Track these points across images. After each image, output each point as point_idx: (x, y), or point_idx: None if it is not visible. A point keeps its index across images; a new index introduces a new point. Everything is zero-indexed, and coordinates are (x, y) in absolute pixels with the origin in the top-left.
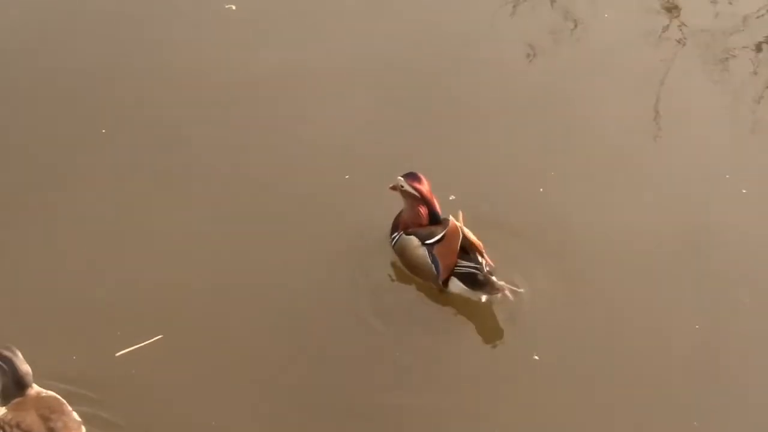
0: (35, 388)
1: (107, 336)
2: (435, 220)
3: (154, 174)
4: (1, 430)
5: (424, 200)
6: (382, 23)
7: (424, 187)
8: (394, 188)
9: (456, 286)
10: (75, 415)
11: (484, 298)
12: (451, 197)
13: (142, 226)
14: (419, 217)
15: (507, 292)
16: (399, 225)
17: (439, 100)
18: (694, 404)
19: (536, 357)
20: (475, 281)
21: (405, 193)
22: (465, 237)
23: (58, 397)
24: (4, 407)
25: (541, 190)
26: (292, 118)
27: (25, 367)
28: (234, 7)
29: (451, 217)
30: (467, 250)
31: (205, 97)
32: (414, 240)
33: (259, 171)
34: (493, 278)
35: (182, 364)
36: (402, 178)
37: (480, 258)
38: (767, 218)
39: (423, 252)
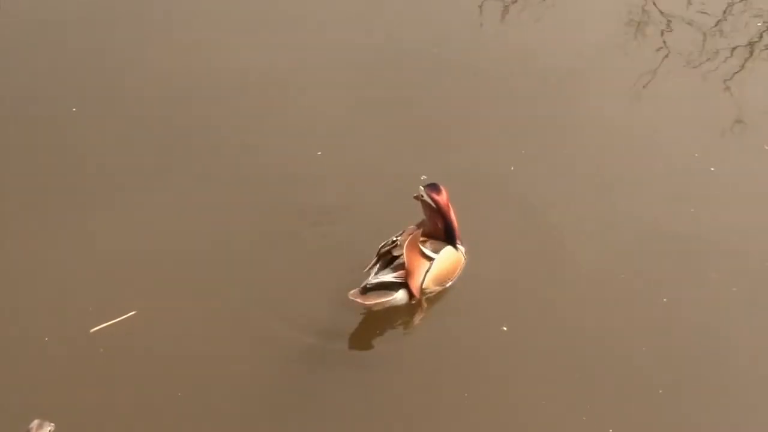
0: None
1: (81, 312)
2: (449, 235)
3: (130, 154)
4: None
5: (440, 212)
6: (366, 15)
7: (442, 198)
8: (416, 198)
9: None
10: None
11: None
12: (423, 176)
13: (116, 202)
14: (437, 229)
15: (358, 300)
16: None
17: (418, 88)
18: (660, 375)
19: (504, 328)
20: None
21: (424, 203)
22: (406, 250)
23: None
24: None
25: (512, 168)
26: (272, 114)
27: None
28: None
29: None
30: (397, 264)
31: (183, 91)
32: None
33: (239, 157)
34: (366, 292)
35: (156, 339)
36: (423, 188)
37: (390, 273)
38: (733, 195)
39: None
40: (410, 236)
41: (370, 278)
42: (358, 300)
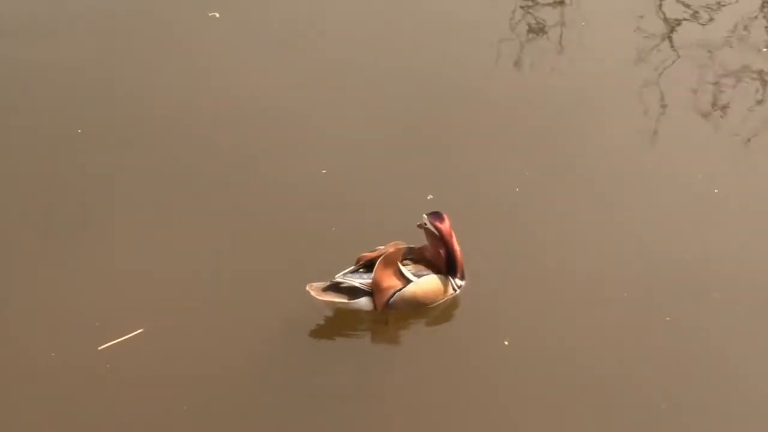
0: None
1: (89, 329)
2: (450, 264)
3: (138, 170)
4: None
5: (442, 240)
6: (374, 30)
7: (445, 227)
8: (420, 226)
9: None
10: None
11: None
12: (429, 196)
13: (125, 223)
14: (439, 257)
15: (312, 292)
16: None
17: (428, 112)
18: (662, 391)
19: (506, 342)
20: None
21: (427, 231)
22: (378, 264)
23: None
24: None
25: (517, 189)
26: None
27: None
28: (218, 15)
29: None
30: (372, 269)
31: (189, 111)
32: None
33: (243, 175)
34: (329, 290)
35: (162, 355)
36: (426, 216)
37: (358, 278)
38: (737, 216)
39: None
40: (390, 251)
41: (337, 276)
42: (312, 293)
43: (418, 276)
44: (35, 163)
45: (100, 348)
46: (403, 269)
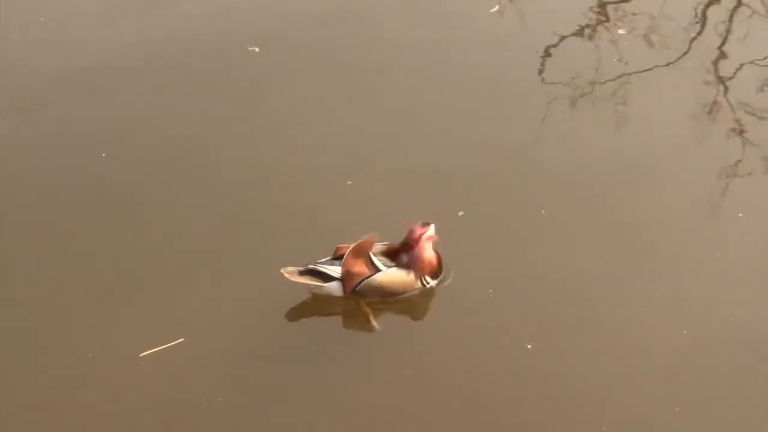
0: None
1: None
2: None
3: (171, 177)
4: None
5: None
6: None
7: (417, 231)
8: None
9: None
10: None
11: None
12: (460, 213)
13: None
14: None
15: (287, 275)
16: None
17: (468, 157)
18: (679, 392)
19: (529, 346)
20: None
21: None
22: (349, 251)
23: None
24: None
25: (543, 211)
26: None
27: None
28: (257, 50)
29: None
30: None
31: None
32: None
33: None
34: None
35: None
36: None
37: (329, 264)
38: (755, 240)
39: None
40: (362, 240)
41: (312, 264)
42: (286, 274)
43: (389, 267)
44: (78, 177)
45: (141, 354)
46: (375, 259)
